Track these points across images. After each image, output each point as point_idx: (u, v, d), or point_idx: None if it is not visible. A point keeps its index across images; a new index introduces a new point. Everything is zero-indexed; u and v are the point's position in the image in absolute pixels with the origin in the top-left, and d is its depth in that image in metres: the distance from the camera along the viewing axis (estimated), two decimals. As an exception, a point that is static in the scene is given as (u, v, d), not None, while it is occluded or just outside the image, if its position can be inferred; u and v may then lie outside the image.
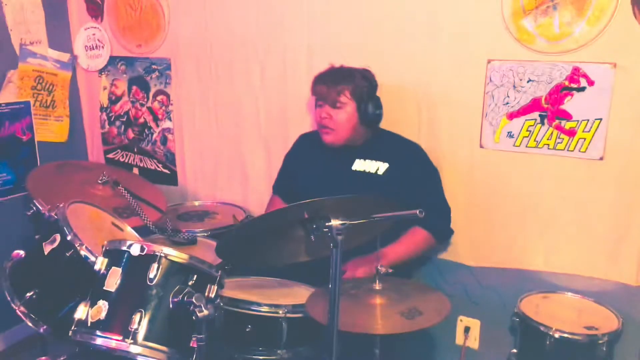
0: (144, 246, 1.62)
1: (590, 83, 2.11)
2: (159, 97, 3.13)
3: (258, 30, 2.73)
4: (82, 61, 3.25)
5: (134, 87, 3.20)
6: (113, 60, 3.22)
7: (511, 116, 2.27)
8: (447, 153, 2.41)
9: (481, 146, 2.35)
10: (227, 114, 2.93)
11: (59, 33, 3.16)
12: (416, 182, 2.24)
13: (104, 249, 1.68)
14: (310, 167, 2.43)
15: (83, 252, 1.73)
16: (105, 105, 3.32)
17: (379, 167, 2.28)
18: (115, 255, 1.66)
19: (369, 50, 2.46)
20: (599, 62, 2.09)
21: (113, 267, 1.63)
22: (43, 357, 1.85)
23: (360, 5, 2.46)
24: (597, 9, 2.05)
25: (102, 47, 3.21)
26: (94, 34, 3.20)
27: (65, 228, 1.77)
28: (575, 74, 2.13)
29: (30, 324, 1.77)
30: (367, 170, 2.29)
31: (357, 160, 2.31)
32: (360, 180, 2.26)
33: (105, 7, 3.15)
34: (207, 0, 2.83)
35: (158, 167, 3.23)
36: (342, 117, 2.25)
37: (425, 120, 2.42)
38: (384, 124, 2.38)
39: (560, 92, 2.17)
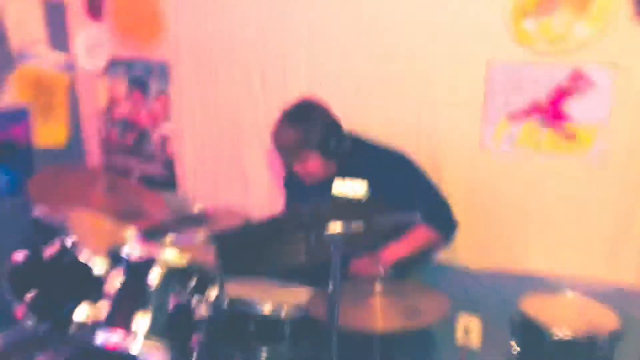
0: (144, 249, 1.63)
1: (591, 84, 2.12)
2: (159, 100, 3.13)
3: (258, 32, 2.72)
4: (82, 63, 3.25)
5: (134, 89, 3.20)
6: (113, 62, 3.21)
7: (511, 117, 2.27)
8: (447, 154, 2.40)
9: (481, 147, 2.35)
10: (227, 117, 2.92)
11: (58, 34, 3.16)
12: (401, 193, 2.12)
13: (104, 252, 1.69)
14: (293, 187, 2.44)
15: (83, 256, 1.74)
16: (104, 108, 3.32)
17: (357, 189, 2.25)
18: (115, 258, 1.67)
19: (369, 52, 2.47)
20: (599, 63, 2.09)
21: (114, 270, 1.64)
22: (43, 357, 1.85)
23: (360, 8, 2.46)
24: (597, 10, 2.06)
25: (102, 48, 3.21)
26: (93, 36, 3.20)
27: (65, 232, 1.78)
28: (576, 75, 2.13)
29: (30, 324, 1.77)
30: (347, 195, 2.25)
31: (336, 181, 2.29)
32: None
33: (105, 8, 3.15)
34: (207, 2, 2.84)
35: (157, 170, 3.22)
36: (311, 165, 2.22)
37: (425, 121, 2.42)
38: (385, 123, 2.38)
39: (560, 94, 2.17)
